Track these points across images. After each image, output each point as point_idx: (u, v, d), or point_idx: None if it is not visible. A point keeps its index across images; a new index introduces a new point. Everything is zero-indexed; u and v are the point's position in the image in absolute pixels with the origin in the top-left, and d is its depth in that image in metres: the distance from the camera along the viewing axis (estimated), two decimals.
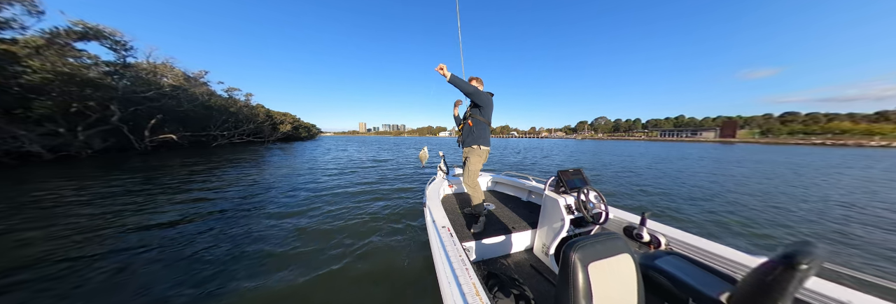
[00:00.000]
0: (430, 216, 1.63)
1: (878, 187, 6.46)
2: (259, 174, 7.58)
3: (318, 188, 5.62)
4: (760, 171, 9.26)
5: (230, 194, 5.18)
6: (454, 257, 1.15)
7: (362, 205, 4.29)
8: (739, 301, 0.81)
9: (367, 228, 3.22)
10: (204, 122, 22.00)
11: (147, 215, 3.82)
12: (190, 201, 4.58)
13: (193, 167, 9.09)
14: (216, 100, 23.34)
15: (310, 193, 5.19)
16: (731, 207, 4.50)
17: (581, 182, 1.90)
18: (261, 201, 4.62)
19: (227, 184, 6.10)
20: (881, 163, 12.49)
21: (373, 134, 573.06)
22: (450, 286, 0.93)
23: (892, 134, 61.98)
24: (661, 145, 33.97)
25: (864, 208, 4.43)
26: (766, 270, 0.75)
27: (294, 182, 6.39)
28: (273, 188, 5.67)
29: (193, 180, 6.57)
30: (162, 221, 3.57)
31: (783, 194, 5.56)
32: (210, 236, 3.02)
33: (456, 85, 1.95)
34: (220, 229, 3.26)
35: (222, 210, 4.03)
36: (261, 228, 3.26)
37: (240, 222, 3.52)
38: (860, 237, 3.18)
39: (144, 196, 4.87)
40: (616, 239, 0.87)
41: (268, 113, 31.55)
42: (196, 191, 5.40)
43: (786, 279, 0.71)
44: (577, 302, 0.73)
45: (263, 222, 3.49)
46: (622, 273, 0.85)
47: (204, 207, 4.25)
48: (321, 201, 4.48)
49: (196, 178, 6.94)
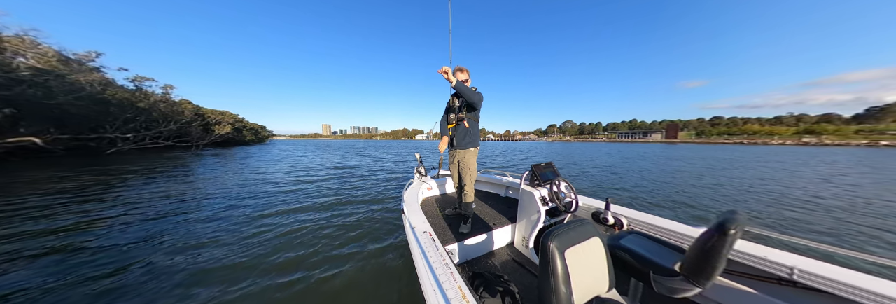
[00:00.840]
0: (409, 223, 1.60)
1: (781, 174, 9.00)
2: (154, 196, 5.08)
3: (259, 206, 4.38)
4: (698, 164, 11.79)
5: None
6: (436, 262, 1.14)
7: (318, 223, 3.49)
8: (689, 267, 0.96)
9: (328, 250, 2.65)
10: (95, 120, 16.59)
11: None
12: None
13: (43, 186, 5.87)
14: (115, 92, 17.94)
15: (246, 211, 4.07)
16: (680, 189, 6.05)
17: (552, 174, 2.07)
18: (159, 231, 3.26)
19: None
20: (779, 157, 16.62)
21: (339, 137, 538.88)
22: (435, 294, 0.93)
23: (786, 134, 78.86)
24: (621, 146, 39.17)
25: (768, 189, 6.19)
26: (705, 238, 0.90)
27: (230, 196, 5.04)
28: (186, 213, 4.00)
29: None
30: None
31: (716, 178, 7.63)
32: None
33: (461, 92, 1.89)
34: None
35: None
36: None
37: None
38: (766, 208, 4.45)
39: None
40: (586, 225, 0.94)
41: (197, 111, 25.85)
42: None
43: (721, 244, 0.85)
44: (558, 288, 0.78)
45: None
46: (594, 255, 0.92)
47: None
48: (261, 225, 3.40)
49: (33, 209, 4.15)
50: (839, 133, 70.29)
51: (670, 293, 1.01)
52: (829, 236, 3.28)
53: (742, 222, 0.84)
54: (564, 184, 1.93)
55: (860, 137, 61.08)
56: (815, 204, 4.72)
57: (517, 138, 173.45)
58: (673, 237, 1.48)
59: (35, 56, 13.44)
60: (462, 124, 2.12)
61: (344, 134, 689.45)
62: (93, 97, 16.04)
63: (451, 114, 2.20)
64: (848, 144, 50.86)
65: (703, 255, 0.89)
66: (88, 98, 15.67)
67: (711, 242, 0.86)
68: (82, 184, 6.15)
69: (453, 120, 2.17)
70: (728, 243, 0.84)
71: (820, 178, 8.01)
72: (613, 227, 1.78)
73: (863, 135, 65.52)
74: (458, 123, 2.14)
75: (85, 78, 15.74)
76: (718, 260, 0.87)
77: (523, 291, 1.52)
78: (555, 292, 0.77)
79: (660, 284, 1.03)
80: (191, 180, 7.11)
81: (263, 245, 2.76)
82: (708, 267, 0.89)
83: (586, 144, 58.14)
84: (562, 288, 0.77)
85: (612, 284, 0.98)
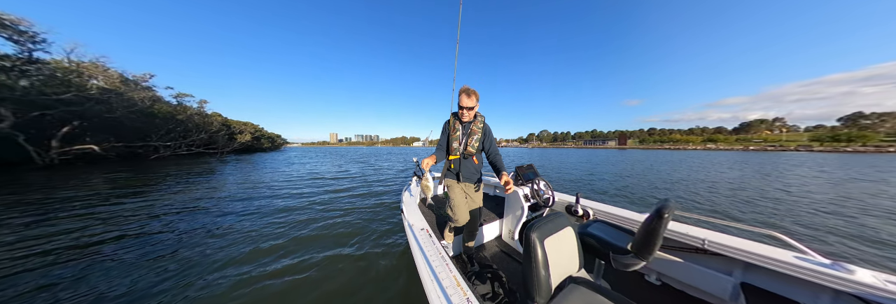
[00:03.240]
0: (408, 221, 1.56)
1: (696, 171, 10.47)
2: (189, 192, 5.43)
3: (272, 206, 4.27)
4: (642, 164, 13.90)
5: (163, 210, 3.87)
6: (433, 255, 1.14)
7: (333, 216, 3.55)
8: (637, 246, 1.00)
9: (340, 238, 2.75)
10: (144, 131, 17.00)
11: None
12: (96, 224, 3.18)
13: (102, 186, 6.18)
14: (161, 107, 18.41)
15: (263, 209, 4.02)
16: (628, 184, 7.05)
17: (533, 175, 2.07)
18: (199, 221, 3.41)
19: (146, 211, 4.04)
20: (695, 160, 19.27)
21: (344, 145, 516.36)
22: (432, 283, 0.94)
23: (697, 142, 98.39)
24: (586, 151, 44.02)
25: (692, 181, 7.48)
26: (648, 222, 0.93)
27: (249, 195, 5.07)
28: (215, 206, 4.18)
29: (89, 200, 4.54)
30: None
31: (656, 174, 9.13)
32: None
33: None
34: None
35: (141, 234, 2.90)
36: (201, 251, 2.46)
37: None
38: (695, 194, 5.54)
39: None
40: (561, 217, 1.00)
41: (225, 122, 26.10)
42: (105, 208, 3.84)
43: (658, 226, 0.90)
44: (539, 272, 0.83)
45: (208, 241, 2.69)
46: (568, 243, 0.99)
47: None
48: (282, 217, 3.54)
49: (97, 199, 4.72)
50: (726, 141, 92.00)
51: (624, 268, 1.09)
52: (719, 212, 4.01)
53: (672, 208, 0.89)
54: (543, 183, 1.95)
55: (738, 144, 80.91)
56: (713, 190, 5.91)
57: (503, 145, 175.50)
58: (626, 223, 1.56)
59: (105, 78, 14.14)
60: (472, 160, 1.63)
61: (349, 141, 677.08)
62: (143, 111, 16.60)
63: (455, 143, 1.61)
64: (732, 148, 67.34)
65: (647, 235, 0.94)
66: (140, 112, 16.24)
67: (652, 224, 0.91)
68: (143, 181, 6.95)
69: (457, 151, 1.61)
70: (664, 225, 0.90)
71: (719, 172, 10.00)
72: (582, 217, 1.83)
73: (740, 142, 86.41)
74: (463, 157, 1.62)
75: (138, 95, 16.32)
76: (658, 238, 0.94)
77: (510, 277, 1.54)
78: (536, 275, 0.82)
79: (617, 261, 1.11)
80: (224, 178, 7.68)
81: (280, 236, 2.81)
82: (651, 244, 0.95)
83: (560, 149, 63.69)
84: (542, 272, 0.83)
85: (581, 264, 1.06)
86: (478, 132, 1.58)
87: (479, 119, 1.59)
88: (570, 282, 0.97)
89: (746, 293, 1.14)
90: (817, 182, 7.39)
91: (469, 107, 1.48)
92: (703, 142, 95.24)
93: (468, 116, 1.53)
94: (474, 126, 1.57)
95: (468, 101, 1.46)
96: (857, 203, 4.69)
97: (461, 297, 0.84)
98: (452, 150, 1.60)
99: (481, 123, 1.60)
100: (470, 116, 1.53)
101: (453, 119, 1.59)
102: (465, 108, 1.48)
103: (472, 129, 1.57)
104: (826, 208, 4.28)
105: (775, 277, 1.11)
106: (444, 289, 0.88)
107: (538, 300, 0.83)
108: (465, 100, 1.46)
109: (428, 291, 0.91)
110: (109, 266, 2.17)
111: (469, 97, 1.46)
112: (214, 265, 2.17)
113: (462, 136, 1.58)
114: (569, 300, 0.89)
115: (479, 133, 1.58)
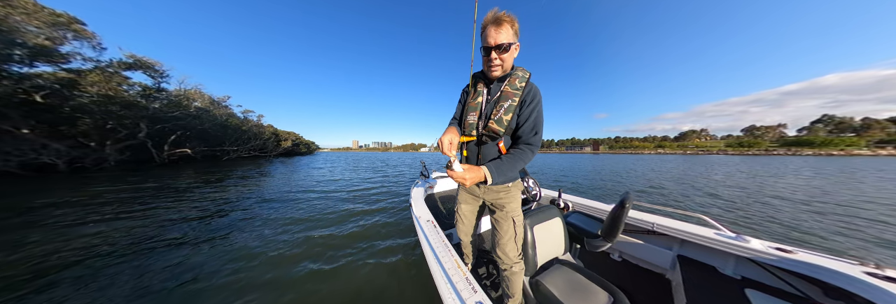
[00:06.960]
0: (415, 214, 1.47)
1: (654, 172, 10.68)
2: (255, 186, 5.60)
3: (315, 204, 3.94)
4: (613, 166, 15.08)
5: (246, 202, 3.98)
6: (436, 242, 1.07)
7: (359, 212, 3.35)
8: (605, 231, 1.06)
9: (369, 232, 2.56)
10: (220, 138, 19.50)
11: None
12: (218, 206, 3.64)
13: (205, 177, 7.23)
14: (233, 120, 20.97)
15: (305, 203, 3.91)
16: (599, 180, 7.62)
17: (523, 174, 1.95)
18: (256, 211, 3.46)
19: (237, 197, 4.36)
20: (649, 164, 19.29)
21: (364, 150, 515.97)
22: (436, 267, 0.90)
23: (650, 147, 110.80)
24: (568, 156, 46.48)
25: (653, 177, 8.19)
26: (613, 211, 0.99)
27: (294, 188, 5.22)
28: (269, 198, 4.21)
29: (203, 190, 5.03)
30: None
31: (619, 172, 10.09)
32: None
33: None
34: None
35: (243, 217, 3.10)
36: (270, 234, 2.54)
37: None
38: (644, 187, 5.90)
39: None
40: (549, 209, 1.11)
41: (275, 131, 28.66)
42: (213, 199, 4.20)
43: (621, 214, 0.96)
44: (527, 251, 0.96)
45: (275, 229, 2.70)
46: (555, 230, 1.10)
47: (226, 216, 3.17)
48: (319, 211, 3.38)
49: (209, 188, 5.31)
50: (671, 147, 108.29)
51: (594, 250, 1.14)
52: (666, 197, 4.57)
53: (632, 199, 0.94)
54: (532, 181, 1.94)
55: (679, 149, 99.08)
56: (663, 185, 6.30)
57: None
58: (597, 213, 1.61)
59: (202, 100, 16.77)
60: (495, 146, 0.81)
61: (367, 148, 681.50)
62: (220, 123, 19.13)
63: (471, 116, 0.82)
64: (675, 152, 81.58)
65: (613, 222, 0.99)
66: (219, 124, 18.78)
67: (616, 213, 0.95)
68: (240, 175, 7.81)
69: (471, 129, 0.81)
70: (625, 213, 0.95)
71: (666, 170, 11.05)
72: (563, 209, 1.84)
73: (680, 148, 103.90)
74: (480, 141, 0.82)
75: (219, 111, 18.92)
76: (620, 224, 0.98)
77: None
78: (524, 254, 0.89)
79: (589, 244, 1.15)
80: (285, 171, 8.94)
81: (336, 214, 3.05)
82: (615, 230, 0.99)
83: (547, 154, 69.09)
84: (529, 251, 0.93)
85: (567, 249, 1.14)
86: (513, 96, 0.74)
87: (519, 75, 0.77)
88: (556, 262, 1.07)
89: (681, 262, 1.19)
90: (741, 176, 8.68)
91: (500, 45, 0.68)
92: (655, 147, 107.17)
93: (499, 69, 0.74)
94: (508, 86, 0.76)
95: (497, 34, 0.67)
96: (758, 188, 5.90)
97: (461, 276, 0.82)
98: (466, 127, 0.82)
99: (523, 82, 0.76)
100: (502, 67, 0.74)
101: (474, 81, 0.84)
102: (493, 48, 0.69)
103: (504, 91, 0.75)
104: (740, 193, 5.07)
105: (701, 249, 1.19)
106: (447, 270, 0.85)
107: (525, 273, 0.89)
108: (492, 33, 0.68)
109: (433, 270, 0.89)
110: (245, 224, 2.79)
111: (498, 28, 0.67)
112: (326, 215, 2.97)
113: (484, 103, 0.80)
114: (550, 274, 0.99)
115: (515, 98, 0.74)
